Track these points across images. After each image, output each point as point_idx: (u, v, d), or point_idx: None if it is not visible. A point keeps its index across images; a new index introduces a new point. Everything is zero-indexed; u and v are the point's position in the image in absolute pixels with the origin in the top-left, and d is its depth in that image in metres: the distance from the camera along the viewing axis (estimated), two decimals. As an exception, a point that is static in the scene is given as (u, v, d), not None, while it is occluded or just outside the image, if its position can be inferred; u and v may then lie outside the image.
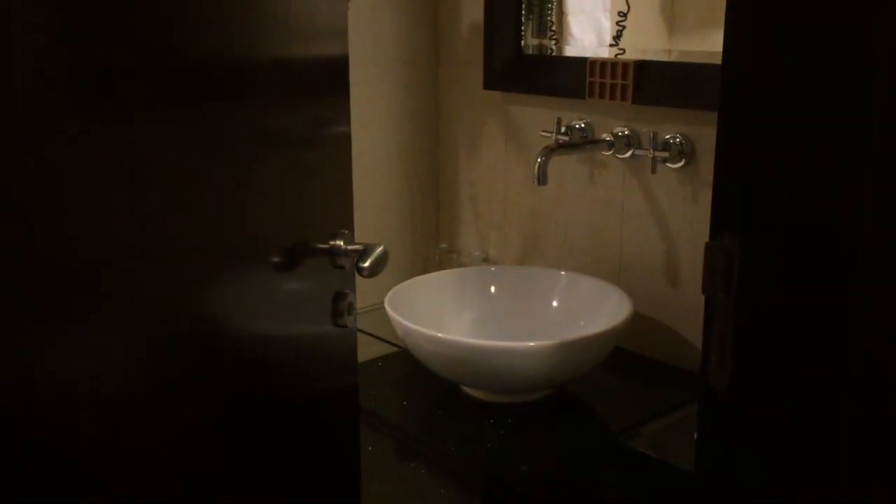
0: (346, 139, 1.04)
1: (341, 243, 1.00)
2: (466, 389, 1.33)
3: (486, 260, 1.75)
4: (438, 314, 1.42)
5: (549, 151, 1.35)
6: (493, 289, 1.49)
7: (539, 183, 1.34)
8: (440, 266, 1.81)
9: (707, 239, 0.85)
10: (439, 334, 1.22)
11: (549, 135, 1.54)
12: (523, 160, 1.66)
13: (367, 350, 1.70)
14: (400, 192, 1.77)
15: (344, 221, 1.03)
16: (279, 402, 0.98)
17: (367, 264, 0.98)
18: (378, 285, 1.80)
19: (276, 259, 0.94)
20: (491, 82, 1.65)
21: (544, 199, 1.63)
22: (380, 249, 1.00)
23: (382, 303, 1.36)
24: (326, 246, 0.99)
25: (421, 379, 1.35)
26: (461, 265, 1.77)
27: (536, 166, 1.34)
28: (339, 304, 1.02)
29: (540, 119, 1.60)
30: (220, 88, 0.87)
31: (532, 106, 1.62)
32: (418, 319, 1.29)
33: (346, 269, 1.01)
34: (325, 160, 1.01)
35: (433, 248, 1.82)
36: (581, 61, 1.48)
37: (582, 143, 1.46)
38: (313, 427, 1.03)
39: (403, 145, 1.76)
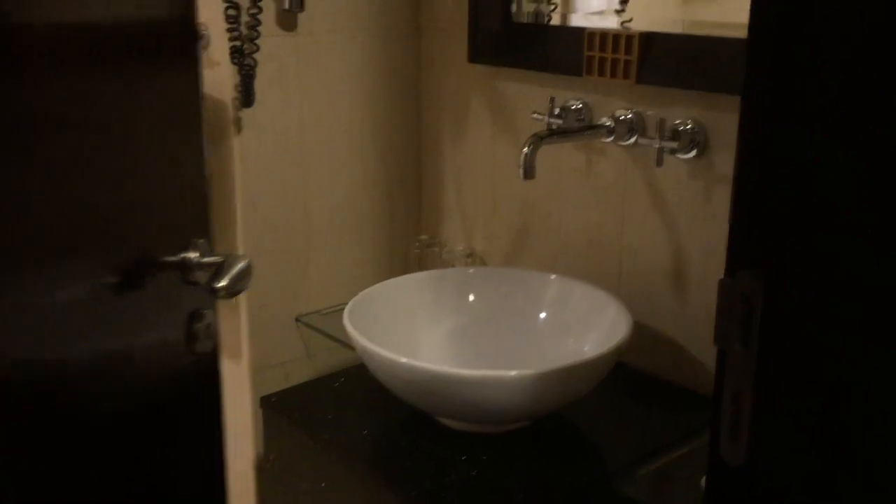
0: (196, 123, 0.84)
1: (194, 255, 0.81)
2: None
3: (470, 255, 1.56)
4: (409, 326, 1.24)
5: (538, 140, 1.15)
6: (471, 297, 1.30)
7: (525, 177, 1.15)
8: (420, 260, 1.62)
9: (721, 244, 0.66)
10: (402, 359, 1.04)
11: (540, 117, 1.34)
12: (513, 144, 1.45)
13: (332, 358, 1.52)
14: (376, 176, 1.58)
15: (198, 228, 0.85)
16: (115, 454, 0.80)
17: (223, 283, 0.80)
18: (354, 278, 1.63)
19: (103, 275, 0.75)
20: (476, 54, 1.45)
21: (536, 189, 1.43)
22: (241, 264, 0.82)
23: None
24: (176, 259, 0.81)
25: (387, 400, 1.17)
26: (443, 261, 1.58)
27: (522, 157, 1.14)
28: (195, 327, 0.84)
29: (532, 97, 1.40)
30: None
31: (523, 82, 1.41)
32: (384, 333, 1.11)
33: (202, 286, 0.82)
34: (167, 151, 0.82)
35: (413, 240, 1.63)
36: (577, 32, 1.27)
37: (576, 129, 1.26)
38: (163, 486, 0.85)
39: (380, 124, 1.56)
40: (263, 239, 1.45)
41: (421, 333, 1.25)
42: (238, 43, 1.26)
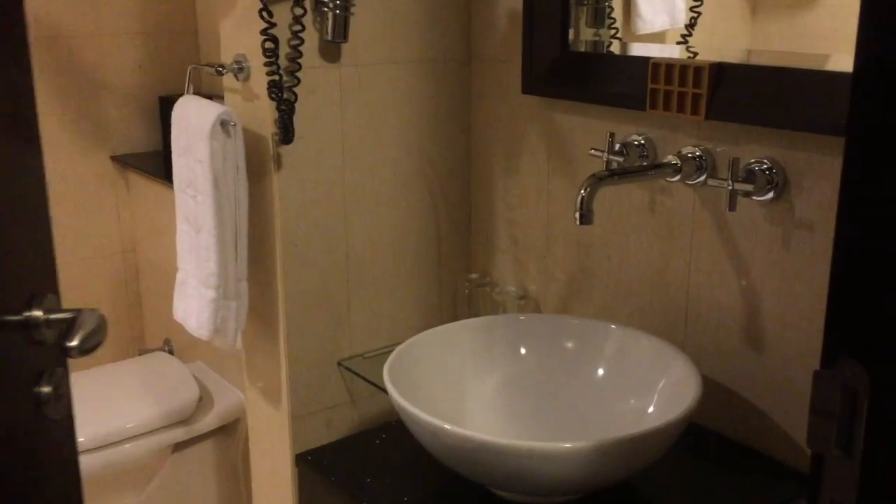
0: (35, 158, 0.76)
1: (39, 313, 0.75)
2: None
3: (523, 298, 1.46)
4: (455, 380, 1.15)
5: (596, 182, 1.05)
6: (522, 350, 1.20)
7: (582, 222, 1.05)
8: (470, 300, 1.53)
9: (804, 296, 0.55)
10: (445, 426, 0.94)
11: (599, 154, 1.24)
12: (569, 180, 1.36)
13: (376, 404, 1.44)
14: (423, 213, 1.49)
15: (44, 282, 0.78)
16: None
17: (75, 342, 0.73)
18: (399, 319, 1.55)
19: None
20: (530, 85, 1.35)
21: (593, 228, 1.33)
22: (93, 319, 0.75)
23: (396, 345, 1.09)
24: (19, 318, 0.74)
25: (431, 461, 1.07)
26: (494, 302, 1.48)
27: (578, 201, 1.05)
28: (42, 390, 0.76)
29: (590, 132, 1.30)
30: None
31: (580, 115, 1.32)
32: (427, 387, 1.02)
33: (49, 345, 0.75)
34: (3, 191, 0.74)
35: (462, 279, 1.54)
36: (641, 62, 1.17)
37: (639, 169, 1.15)
38: None
39: (428, 157, 1.48)
40: (304, 279, 1.37)
41: (468, 389, 1.16)
42: (276, 77, 1.19)
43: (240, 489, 2.04)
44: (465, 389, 1.16)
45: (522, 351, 1.20)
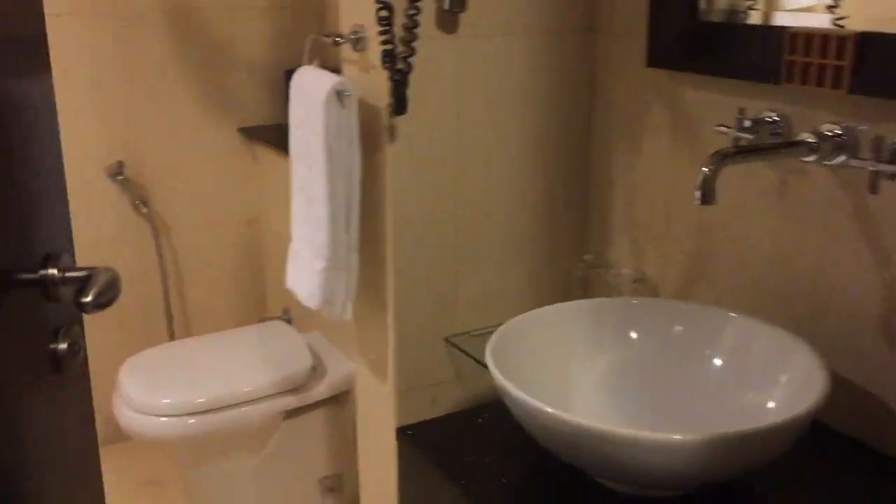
0: (51, 125, 0.76)
1: (55, 271, 0.77)
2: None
3: (639, 281, 1.40)
4: (561, 362, 1.11)
5: (721, 160, 0.98)
6: (633, 334, 1.15)
7: (703, 202, 0.98)
8: (583, 282, 1.48)
9: None
10: (547, 409, 0.90)
11: (727, 131, 1.16)
12: (693, 159, 1.28)
13: (482, 383, 1.41)
14: (538, 189, 1.45)
15: (60, 240, 0.79)
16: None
17: (89, 298, 0.76)
18: (509, 298, 1.52)
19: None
20: (656, 58, 1.28)
21: (717, 210, 1.25)
22: (107, 276, 0.77)
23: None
24: (35, 276, 0.76)
25: (532, 444, 1.04)
26: (608, 285, 1.43)
27: (701, 179, 0.98)
28: (58, 346, 0.79)
29: (719, 107, 1.22)
30: None
31: (709, 90, 1.24)
32: (532, 369, 0.98)
33: (65, 302, 0.78)
34: (18, 159, 0.75)
35: (576, 260, 1.49)
36: (777, 32, 1.09)
37: (770, 147, 1.07)
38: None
39: (545, 134, 1.43)
40: (413, 253, 1.36)
41: (574, 372, 1.11)
42: (390, 47, 1.17)
43: (350, 458, 2.07)
44: (570, 372, 1.11)
45: (633, 335, 1.15)
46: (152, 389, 1.89)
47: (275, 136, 2.30)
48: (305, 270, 1.39)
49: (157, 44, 2.27)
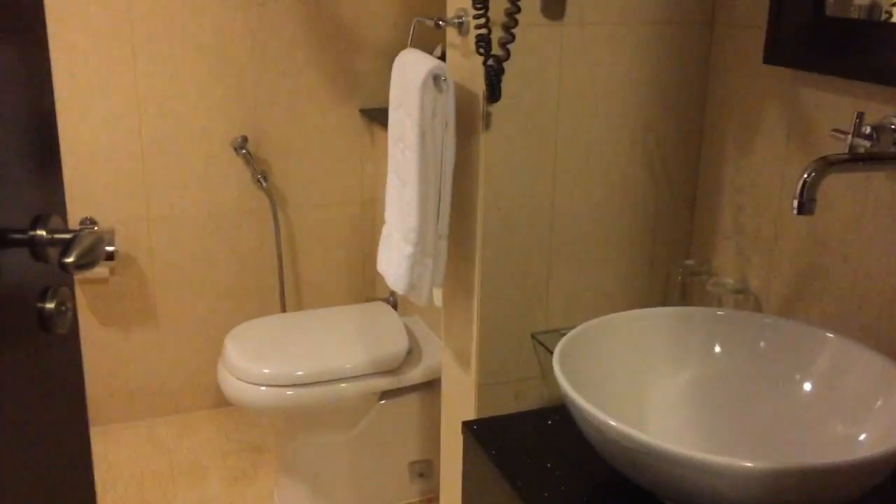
0: (44, 88, 0.76)
1: (43, 232, 0.79)
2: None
3: (742, 292, 1.31)
4: (637, 372, 1.05)
5: (825, 167, 0.90)
6: (717, 348, 1.07)
7: (800, 212, 0.90)
8: (683, 288, 1.40)
9: None
10: (611, 422, 0.86)
11: (842, 136, 1.06)
12: (808, 165, 1.18)
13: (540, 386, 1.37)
14: (641, 189, 1.38)
15: (52, 203, 0.80)
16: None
17: (71, 259, 0.77)
18: (603, 298, 1.46)
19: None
20: (774, 54, 1.19)
21: (831, 223, 1.15)
22: (91, 238, 0.78)
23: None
24: (24, 236, 0.78)
25: (596, 455, 0.99)
26: (708, 294, 1.35)
27: (800, 186, 0.90)
28: (46, 305, 0.80)
29: (840, 110, 1.12)
30: None
31: (830, 91, 1.14)
32: (603, 378, 0.94)
33: (54, 263, 0.80)
34: (8, 121, 0.76)
35: (677, 265, 1.42)
36: (907, 30, 0.98)
37: (885, 156, 0.97)
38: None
39: (653, 129, 1.36)
40: (503, 244, 1.33)
41: (650, 384, 1.05)
42: (485, 31, 1.14)
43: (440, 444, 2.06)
44: (647, 384, 1.05)
45: (717, 349, 1.07)
46: (254, 359, 1.95)
47: (394, 118, 2.31)
48: (394, 254, 1.38)
49: (286, 23, 2.33)
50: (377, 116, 2.36)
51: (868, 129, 1.05)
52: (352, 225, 2.56)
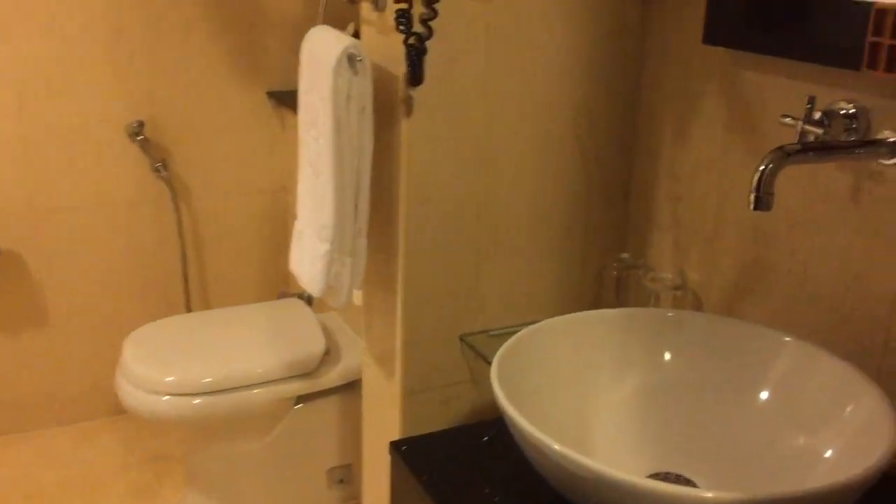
0: None
1: None
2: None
3: (680, 288, 1.24)
4: (580, 384, 0.96)
5: (782, 158, 0.82)
6: (667, 355, 0.99)
7: (757, 207, 0.82)
8: (618, 284, 1.32)
9: None
10: (555, 445, 0.76)
11: (792, 123, 0.99)
12: (751, 153, 1.11)
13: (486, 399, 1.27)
14: (575, 176, 1.29)
15: None
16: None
17: None
18: (535, 296, 1.36)
19: None
20: (714, 34, 1.11)
21: (776, 215, 1.09)
22: None
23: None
24: None
25: (538, 476, 0.90)
26: (646, 289, 1.27)
27: (756, 178, 0.82)
28: None
29: (786, 94, 1.05)
30: None
31: (774, 73, 1.07)
32: (543, 390, 0.84)
33: None
34: None
35: (611, 258, 1.33)
36: (862, 9, 0.91)
37: (842, 145, 0.90)
38: None
39: (585, 114, 1.27)
40: (428, 240, 1.22)
41: (595, 396, 0.96)
42: (405, 5, 1.02)
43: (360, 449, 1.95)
44: (590, 395, 0.96)
45: (667, 356, 0.99)
46: (157, 365, 1.79)
47: (305, 102, 2.17)
48: (307, 253, 1.26)
49: (185, -2, 2.15)
50: (286, 99, 2.21)
51: (819, 115, 0.98)
52: (262, 216, 2.40)
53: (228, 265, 2.41)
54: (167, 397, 1.75)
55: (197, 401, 1.76)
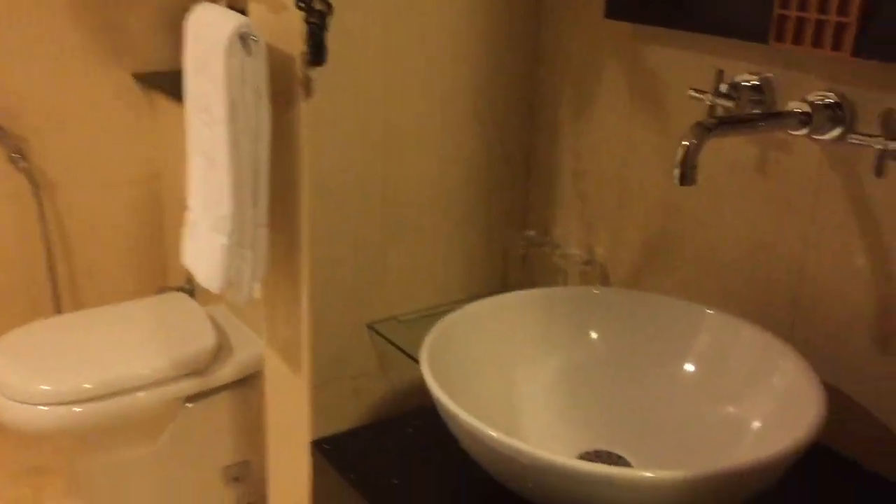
0: None
1: None
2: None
3: (589, 263, 1.24)
4: (508, 367, 0.94)
5: (704, 132, 0.82)
6: (593, 334, 0.98)
7: (683, 182, 0.82)
8: (524, 262, 1.31)
9: None
10: (492, 433, 0.74)
11: (700, 97, 1.00)
12: (656, 127, 1.12)
13: (411, 375, 1.24)
14: (476, 154, 1.27)
15: None
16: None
17: None
18: (442, 278, 1.34)
19: None
20: (616, 7, 1.11)
21: (684, 187, 1.10)
22: None
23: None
24: None
25: (470, 462, 0.87)
26: (554, 266, 1.27)
27: (681, 154, 0.81)
28: None
29: (691, 69, 1.06)
30: None
31: (679, 48, 1.07)
32: (472, 375, 0.82)
33: None
34: None
35: (517, 236, 1.32)
36: (768, -19, 0.92)
37: (756, 119, 0.91)
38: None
39: (484, 91, 1.24)
40: (333, 226, 1.17)
41: (523, 379, 0.95)
42: (306, -20, 0.96)
43: (258, 445, 1.88)
44: (519, 379, 0.95)
45: (592, 335, 0.98)
46: (29, 374, 1.66)
47: (176, 84, 2.04)
48: (204, 247, 1.18)
49: (36, -28, 1.98)
50: (156, 82, 2.08)
51: (725, 88, 0.99)
52: (134, 206, 2.26)
53: (100, 261, 2.26)
54: (45, 407, 1.63)
55: (78, 409, 1.64)
